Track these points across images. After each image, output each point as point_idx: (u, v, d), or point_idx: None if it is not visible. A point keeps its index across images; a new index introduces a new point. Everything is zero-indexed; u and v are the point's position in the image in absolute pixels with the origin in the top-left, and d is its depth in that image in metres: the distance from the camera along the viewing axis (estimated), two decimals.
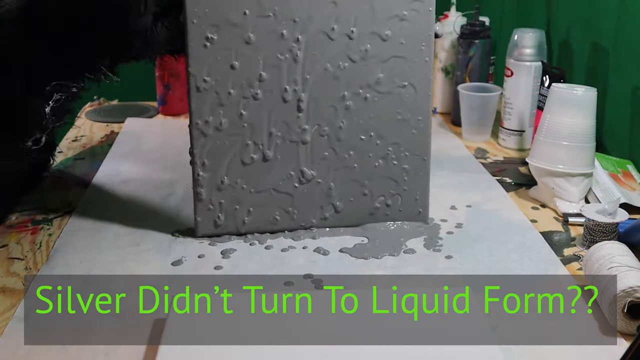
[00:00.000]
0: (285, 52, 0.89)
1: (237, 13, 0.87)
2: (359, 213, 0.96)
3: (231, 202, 0.92)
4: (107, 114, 1.51)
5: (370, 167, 0.94)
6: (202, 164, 0.90)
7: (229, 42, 0.87)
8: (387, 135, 0.94)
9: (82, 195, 1.07)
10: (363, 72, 0.91)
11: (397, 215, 0.97)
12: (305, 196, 0.94)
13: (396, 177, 0.95)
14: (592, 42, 1.25)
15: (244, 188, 0.92)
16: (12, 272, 0.85)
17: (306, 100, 0.90)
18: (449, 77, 1.48)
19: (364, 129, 0.93)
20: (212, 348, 0.65)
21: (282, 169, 0.92)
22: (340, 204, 0.95)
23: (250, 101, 0.89)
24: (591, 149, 1.02)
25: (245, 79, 0.89)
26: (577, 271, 0.85)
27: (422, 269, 0.86)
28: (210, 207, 0.92)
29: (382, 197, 0.95)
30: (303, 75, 0.90)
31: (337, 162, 0.93)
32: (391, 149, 0.94)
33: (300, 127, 0.91)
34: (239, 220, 0.93)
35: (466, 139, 1.35)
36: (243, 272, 0.85)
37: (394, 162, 0.95)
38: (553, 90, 1.03)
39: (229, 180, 0.91)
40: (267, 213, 0.93)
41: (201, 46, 0.87)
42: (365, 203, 0.95)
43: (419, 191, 0.96)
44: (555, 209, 1.02)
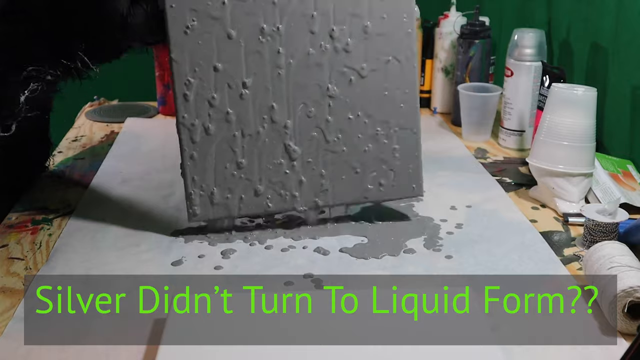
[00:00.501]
0: (266, 36, 0.89)
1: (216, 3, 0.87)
2: (352, 193, 0.95)
3: (223, 188, 0.92)
4: (107, 114, 1.51)
5: (360, 150, 0.94)
6: (190, 157, 0.90)
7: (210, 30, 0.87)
8: (375, 114, 0.93)
9: (82, 195, 1.07)
10: (346, 52, 0.91)
11: (391, 191, 0.96)
12: (297, 178, 0.93)
13: (387, 157, 0.95)
14: (592, 42, 1.25)
15: (234, 175, 0.91)
16: (12, 272, 0.85)
17: (291, 85, 0.90)
18: (449, 77, 1.48)
19: (350, 108, 0.93)
20: (212, 348, 0.65)
21: (270, 152, 0.92)
22: (332, 185, 0.94)
23: (234, 92, 0.89)
24: (591, 149, 1.02)
25: (229, 74, 0.89)
26: (577, 271, 0.85)
27: (422, 269, 0.86)
28: (201, 194, 0.91)
29: (374, 173, 0.95)
30: (286, 60, 0.90)
31: (325, 145, 0.93)
32: (380, 129, 0.94)
33: (287, 107, 0.91)
34: (232, 206, 0.93)
35: (466, 139, 1.35)
36: (243, 272, 0.85)
37: (384, 141, 0.94)
38: (553, 90, 1.03)
39: (218, 166, 0.91)
40: (259, 198, 0.93)
41: (182, 32, 0.87)
42: (357, 182, 0.95)
43: (411, 165, 0.96)
44: (555, 209, 1.02)
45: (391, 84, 0.93)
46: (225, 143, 0.91)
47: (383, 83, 0.93)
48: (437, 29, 1.47)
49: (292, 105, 0.91)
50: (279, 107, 0.91)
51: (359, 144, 0.94)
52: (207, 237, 0.93)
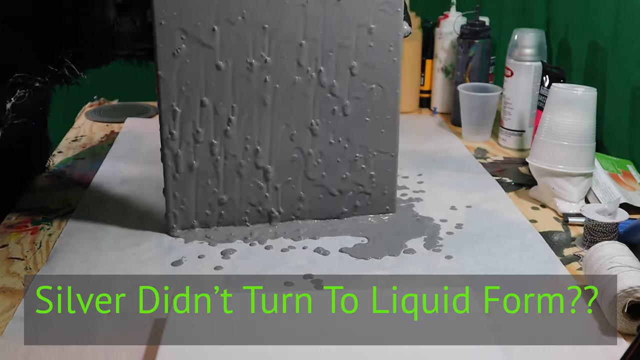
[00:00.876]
0: (256, 59, 0.89)
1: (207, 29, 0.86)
2: (327, 211, 0.97)
3: (202, 203, 0.93)
4: (107, 114, 1.51)
5: (338, 176, 0.95)
6: (172, 176, 0.91)
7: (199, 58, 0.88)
8: (355, 139, 0.94)
9: (82, 195, 1.07)
10: (331, 80, 0.91)
11: (365, 210, 0.98)
12: (275, 197, 0.94)
13: (364, 182, 0.96)
14: (592, 42, 1.25)
15: (215, 192, 0.93)
16: (12, 272, 0.85)
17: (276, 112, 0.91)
18: (449, 77, 1.48)
19: (332, 132, 0.93)
20: (212, 348, 0.65)
21: (250, 174, 0.93)
22: (309, 202, 0.96)
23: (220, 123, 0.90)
24: (591, 149, 1.02)
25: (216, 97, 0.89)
26: (577, 271, 0.85)
27: (422, 269, 0.86)
28: (182, 207, 0.93)
29: (350, 193, 0.97)
30: (273, 85, 0.90)
31: (305, 168, 0.94)
32: (359, 154, 0.95)
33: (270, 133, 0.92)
34: (211, 219, 0.94)
35: (466, 139, 1.35)
36: (243, 272, 0.85)
37: (362, 165, 0.96)
38: (553, 90, 1.03)
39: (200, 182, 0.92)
40: (238, 211, 0.95)
41: (170, 55, 0.87)
42: (333, 203, 0.97)
43: (387, 187, 0.98)
44: (555, 209, 1.02)
45: (373, 110, 0.94)
46: (208, 165, 0.92)
47: (366, 109, 0.94)
48: (437, 29, 1.47)
49: (275, 130, 0.92)
50: (260, 134, 0.92)
51: (338, 168, 0.95)
52: (207, 238, 0.93)
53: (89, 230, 0.95)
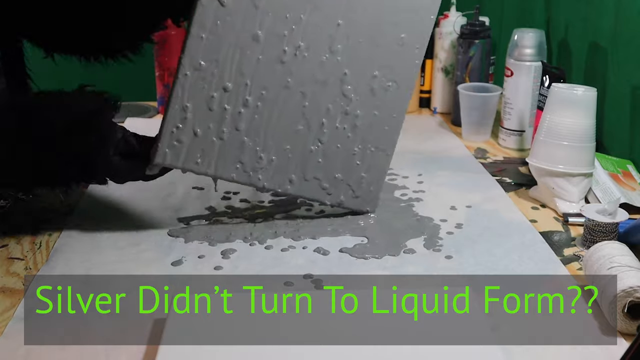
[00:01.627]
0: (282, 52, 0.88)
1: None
2: (313, 193, 0.96)
3: (196, 147, 0.89)
4: None
5: (332, 164, 0.94)
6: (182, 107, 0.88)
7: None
8: (359, 131, 0.94)
9: (82, 196, 1.07)
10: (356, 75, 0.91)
11: (349, 203, 0.97)
12: (268, 158, 0.92)
13: (354, 177, 0.96)
14: (592, 42, 1.25)
15: (213, 141, 0.89)
16: (12, 272, 0.85)
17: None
18: (449, 77, 1.48)
19: (343, 116, 0.93)
20: (212, 348, 0.65)
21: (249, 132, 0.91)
22: (299, 180, 0.94)
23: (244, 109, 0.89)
24: (591, 149, 1.02)
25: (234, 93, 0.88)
26: (577, 271, 0.85)
27: (422, 269, 0.86)
28: (175, 144, 0.88)
29: (340, 182, 0.96)
30: (302, 55, 0.89)
31: (305, 145, 0.93)
32: (359, 146, 0.95)
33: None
34: (200, 165, 0.90)
35: (466, 139, 1.35)
36: (243, 272, 0.85)
37: (357, 162, 0.95)
38: (553, 90, 1.03)
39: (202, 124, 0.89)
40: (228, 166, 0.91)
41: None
42: (319, 189, 0.96)
43: (373, 186, 0.98)
44: (555, 209, 1.02)
45: (384, 106, 0.94)
46: (216, 112, 0.88)
47: (377, 103, 0.94)
48: (437, 29, 1.47)
49: (289, 93, 0.90)
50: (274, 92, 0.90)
51: (335, 155, 0.94)
52: (207, 237, 0.93)
53: (89, 230, 0.95)
